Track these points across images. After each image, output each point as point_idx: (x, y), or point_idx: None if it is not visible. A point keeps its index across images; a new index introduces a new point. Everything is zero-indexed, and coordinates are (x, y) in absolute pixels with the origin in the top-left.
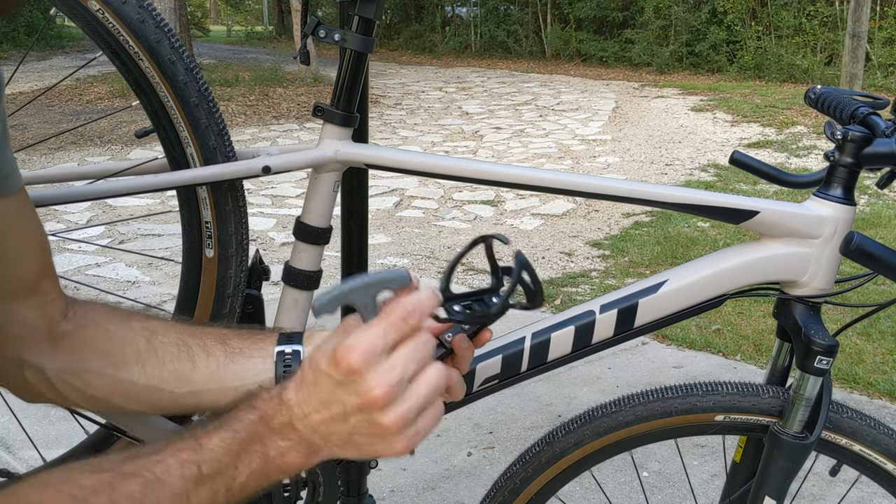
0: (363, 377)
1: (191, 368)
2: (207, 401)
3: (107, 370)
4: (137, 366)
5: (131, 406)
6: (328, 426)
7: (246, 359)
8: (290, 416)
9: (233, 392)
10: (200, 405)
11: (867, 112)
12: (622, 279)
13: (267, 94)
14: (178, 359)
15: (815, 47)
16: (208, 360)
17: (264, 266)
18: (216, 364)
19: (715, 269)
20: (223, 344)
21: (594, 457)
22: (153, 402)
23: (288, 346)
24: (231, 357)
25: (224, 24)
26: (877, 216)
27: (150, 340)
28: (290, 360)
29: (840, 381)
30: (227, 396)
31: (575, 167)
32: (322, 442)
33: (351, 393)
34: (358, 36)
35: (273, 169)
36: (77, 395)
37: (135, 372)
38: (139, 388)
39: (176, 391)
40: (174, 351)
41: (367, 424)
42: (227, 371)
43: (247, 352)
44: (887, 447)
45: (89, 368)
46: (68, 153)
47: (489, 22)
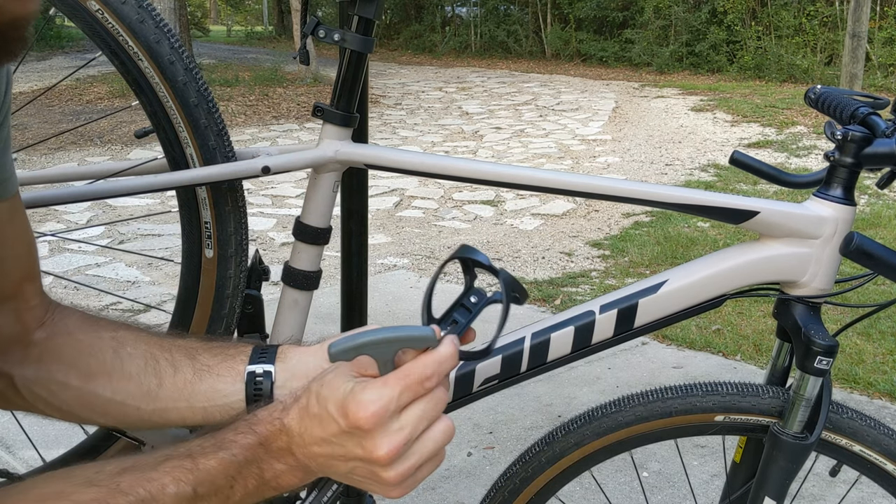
0: (371, 435)
1: (157, 385)
2: (175, 418)
3: (72, 381)
4: (103, 378)
5: (96, 419)
6: (327, 460)
7: (215, 377)
8: (289, 442)
9: (201, 412)
10: (168, 422)
11: (867, 112)
12: (622, 279)
13: (267, 94)
14: (145, 373)
15: (815, 47)
16: (175, 376)
17: (264, 266)
18: (183, 381)
19: (715, 269)
20: (192, 360)
21: (594, 457)
22: (118, 417)
23: (259, 365)
24: (199, 375)
25: (224, 24)
26: (877, 216)
27: (118, 351)
28: (262, 381)
29: (840, 381)
30: (196, 415)
31: (575, 167)
32: (319, 469)
33: (356, 445)
34: (358, 36)
35: (273, 169)
36: (44, 405)
37: (100, 384)
38: (104, 402)
39: (142, 407)
40: (141, 364)
41: (367, 472)
42: (195, 389)
43: (216, 370)
44: (887, 447)
45: (56, 379)
46: (68, 153)
47: (489, 22)
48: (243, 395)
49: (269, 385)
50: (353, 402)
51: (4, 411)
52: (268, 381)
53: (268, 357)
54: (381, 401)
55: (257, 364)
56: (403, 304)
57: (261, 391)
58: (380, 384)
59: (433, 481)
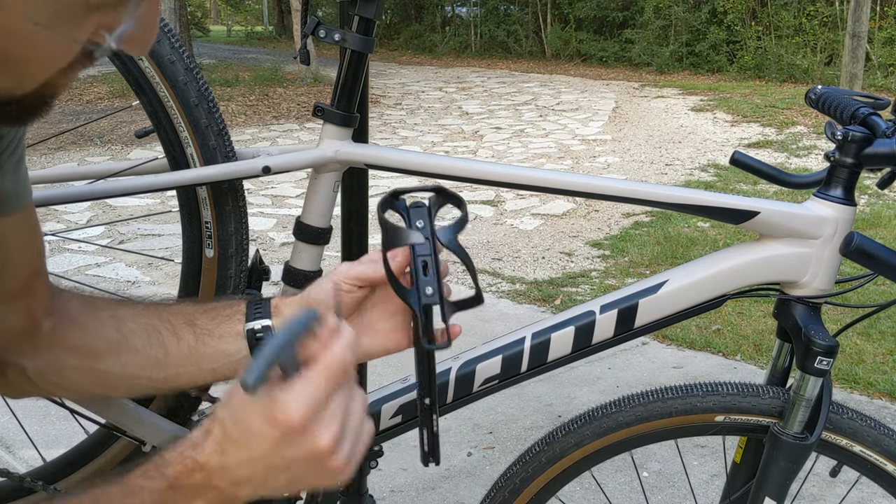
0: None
1: (164, 354)
2: (187, 381)
3: (83, 364)
4: (112, 356)
5: (112, 393)
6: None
7: (217, 340)
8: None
9: (210, 373)
10: (181, 385)
11: (867, 112)
12: (622, 279)
13: (267, 94)
14: (150, 345)
15: (815, 47)
16: (179, 344)
17: (264, 266)
18: (188, 347)
19: (715, 270)
20: (192, 326)
21: (594, 457)
22: (133, 388)
23: (256, 322)
24: (202, 339)
25: (224, 24)
26: (877, 216)
27: (120, 329)
28: (262, 337)
29: (840, 381)
30: (206, 376)
31: (575, 167)
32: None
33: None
34: (358, 36)
35: (273, 169)
36: (58, 389)
37: (110, 363)
38: (117, 377)
39: (154, 376)
40: (144, 338)
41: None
42: (200, 354)
43: (216, 332)
44: (887, 448)
45: (67, 364)
46: (68, 153)
47: (489, 22)
48: (247, 350)
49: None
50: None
51: (4, 411)
52: (268, 335)
53: (262, 312)
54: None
55: (254, 321)
56: None
57: None
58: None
59: (433, 481)
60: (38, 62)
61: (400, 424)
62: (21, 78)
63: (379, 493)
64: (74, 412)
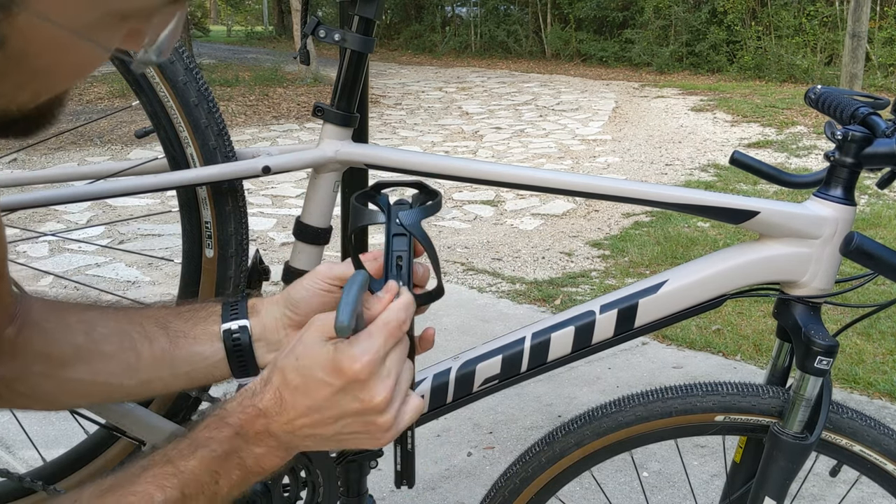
0: (367, 385)
1: (136, 359)
2: (160, 387)
3: (50, 372)
4: (80, 363)
5: (82, 403)
6: (313, 428)
7: (191, 342)
8: (267, 424)
9: (185, 377)
10: (154, 392)
11: (867, 112)
12: (622, 279)
13: (267, 94)
14: (122, 350)
15: (815, 47)
16: (152, 347)
17: (264, 266)
18: (161, 351)
19: (715, 269)
20: (164, 329)
21: (594, 457)
22: (105, 396)
23: (233, 322)
24: (175, 342)
25: (224, 24)
26: (877, 216)
27: (90, 334)
28: (239, 337)
29: (840, 381)
30: (180, 381)
31: (575, 167)
32: (301, 442)
33: (352, 399)
34: (358, 36)
35: (273, 169)
36: (27, 400)
37: (79, 370)
38: (86, 385)
39: (125, 383)
40: (116, 342)
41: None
42: (174, 357)
43: (191, 334)
44: (887, 447)
45: (34, 372)
46: (68, 153)
47: (489, 22)
48: (223, 353)
49: (247, 339)
50: (345, 359)
51: (4, 411)
52: (245, 336)
53: (239, 312)
54: (372, 350)
55: (231, 321)
56: None
57: (240, 345)
58: (365, 336)
59: (433, 481)
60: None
61: None
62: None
63: (379, 493)
64: (74, 412)
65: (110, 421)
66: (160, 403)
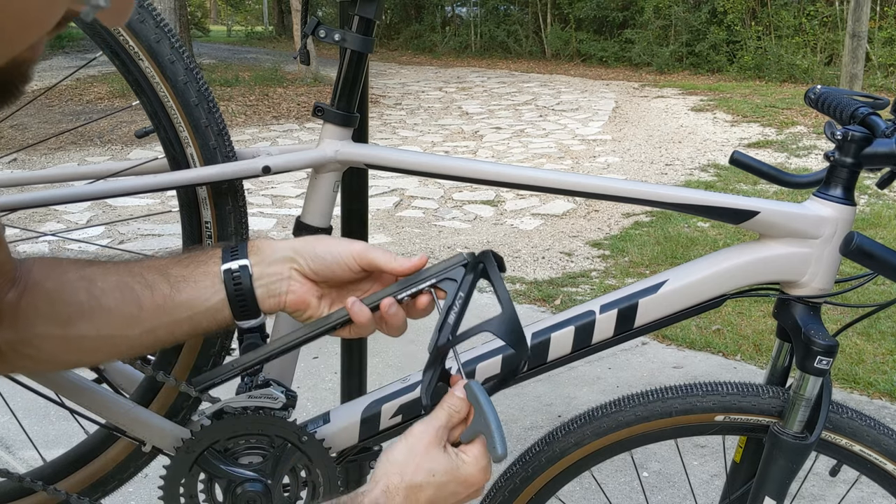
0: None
1: (138, 309)
2: (164, 336)
3: (54, 331)
4: (83, 320)
5: (89, 359)
6: None
7: (192, 285)
8: None
9: (187, 322)
10: (158, 341)
11: (867, 112)
12: (622, 279)
13: (267, 94)
14: (124, 303)
15: (815, 47)
16: (154, 295)
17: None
18: (162, 297)
19: (715, 269)
20: (165, 275)
21: (594, 457)
22: (110, 351)
23: (233, 262)
24: (176, 287)
25: (224, 24)
26: (877, 216)
27: (90, 290)
28: (239, 276)
29: (840, 381)
30: (182, 327)
31: (575, 167)
32: None
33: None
34: (358, 36)
35: (273, 169)
36: (32, 363)
37: (83, 327)
38: (92, 341)
39: (129, 334)
40: (118, 296)
41: None
42: (175, 301)
43: (191, 278)
44: (887, 447)
45: (37, 334)
46: (68, 153)
47: (489, 22)
48: (224, 294)
49: (247, 278)
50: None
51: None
52: (245, 274)
53: (240, 253)
54: (486, 459)
55: (231, 261)
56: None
57: (240, 286)
58: (480, 454)
59: None
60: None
61: (400, 424)
62: None
63: None
64: (74, 412)
65: (110, 421)
66: (160, 403)
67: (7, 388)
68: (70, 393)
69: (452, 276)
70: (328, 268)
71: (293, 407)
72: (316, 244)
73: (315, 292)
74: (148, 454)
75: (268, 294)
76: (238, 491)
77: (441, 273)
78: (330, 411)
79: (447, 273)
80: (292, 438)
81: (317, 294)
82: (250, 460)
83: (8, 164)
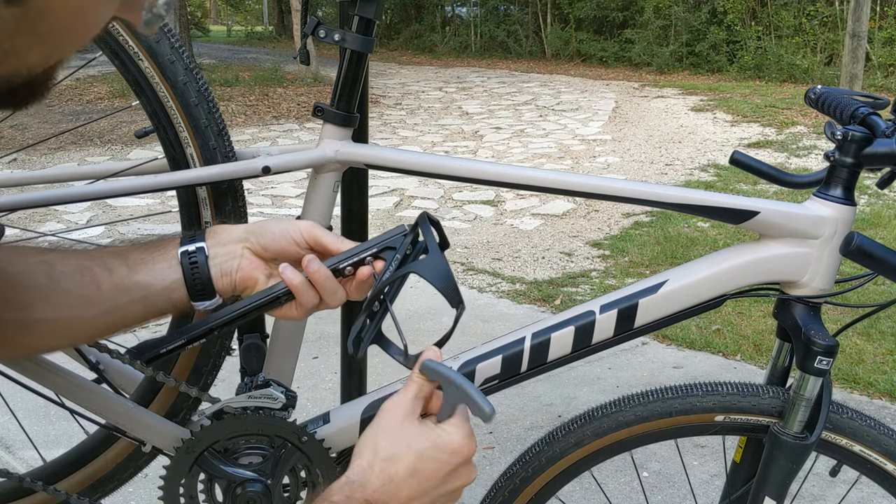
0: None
1: (96, 290)
2: (119, 318)
3: (14, 315)
4: (41, 302)
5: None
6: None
7: (150, 266)
8: None
9: (142, 302)
10: (114, 325)
11: (867, 112)
12: (622, 279)
13: (267, 94)
14: (82, 284)
15: (815, 47)
16: (111, 276)
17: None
18: (119, 278)
19: (715, 270)
20: (124, 258)
21: (594, 457)
22: (68, 335)
23: (191, 244)
24: (134, 269)
25: (224, 24)
26: (877, 216)
27: (50, 273)
28: (196, 257)
29: (840, 381)
30: (137, 308)
31: (575, 167)
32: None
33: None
34: (358, 36)
35: (273, 169)
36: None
37: (39, 309)
38: (49, 325)
39: (85, 315)
40: (77, 278)
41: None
42: (132, 281)
43: (150, 260)
44: (887, 447)
45: None
46: (68, 153)
47: (489, 22)
48: (179, 274)
49: (203, 258)
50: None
51: (4, 411)
52: (201, 255)
53: (197, 237)
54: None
55: (188, 244)
56: (402, 304)
57: (196, 265)
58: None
59: None
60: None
61: None
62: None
63: None
64: (74, 412)
65: (110, 421)
66: (160, 403)
67: (7, 388)
68: (70, 393)
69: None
70: (276, 242)
71: (293, 407)
72: (268, 223)
73: (264, 269)
74: (148, 454)
75: (221, 273)
76: (238, 491)
77: (382, 242)
78: (330, 411)
79: (387, 242)
80: (292, 439)
81: (265, 272)
82: (250, 461)
83: (8, 164)
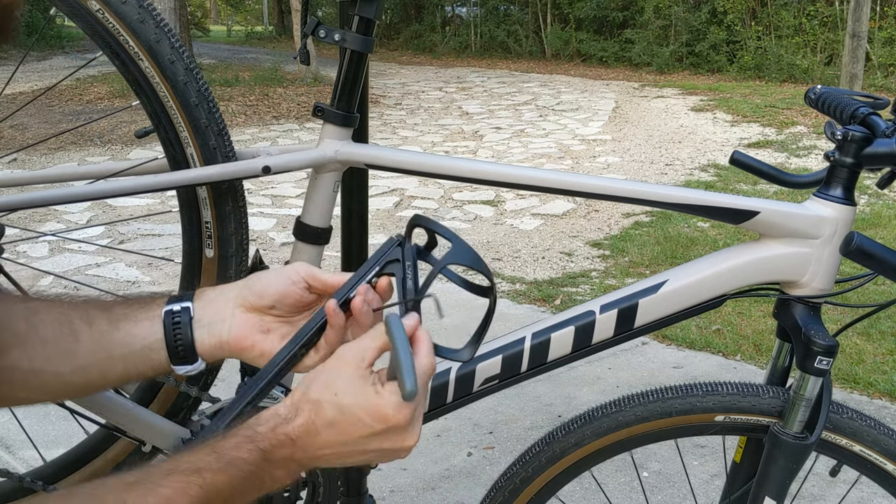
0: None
1: (74, 342)
2: (96, 376)
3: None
4: (17, 349)
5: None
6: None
7: (132, 323)
8: (293, 452)
9: (121, 361)
10: (90, 382)
11: (867, 112)
12: (622, 279)
13: (267, 94)
14: (61, 334)
15: (815, 47)
16: (91, 329)
17: (264, 266)
18: (99, 333)
19: (715, 270)
20: (107, 312)
21: (594, 457)
22: (41, 387)
23: (176, 304)
24: (115, 324)
25: (224, 24)
26: (877, 216)
27: (30, 320)
28: (180, 317)
29: (840, 381)
30: (116, 366)
31: (575, 167)
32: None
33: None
34: (358, 36)
35: (273, 169)
36: None
37: (14, 356)
38: (23, 374)
39: (62, 370)
40: (56, 327)
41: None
42: (112, 338)
43: (132, 316)
44: (887, 447)
45: None
46: (68, 153)
47: (489, 22)
48: (161, 334)
49: (187, 319)
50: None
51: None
52: (186, 316)
53: (185, 297)
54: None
55: (174, 304)
56: None
57: (178, 325)
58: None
59: (433, 481)
60: None
61: None
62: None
63: (379, 493)
64: (74, 412)
65: (110, 421)
66: (161, 403)
67: None
68: None
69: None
70: (272, 287)
71: None
72: (261, 272)
73: (259, 327)
74: (148, 454)
75: (208, 335)
76: None
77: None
78: None
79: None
80: None
81: (261, 329)
82: None
83: (8, 164)
